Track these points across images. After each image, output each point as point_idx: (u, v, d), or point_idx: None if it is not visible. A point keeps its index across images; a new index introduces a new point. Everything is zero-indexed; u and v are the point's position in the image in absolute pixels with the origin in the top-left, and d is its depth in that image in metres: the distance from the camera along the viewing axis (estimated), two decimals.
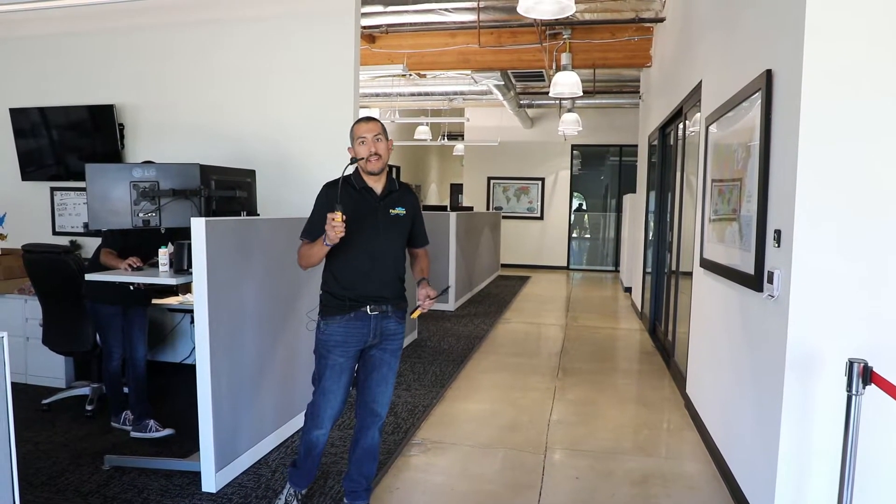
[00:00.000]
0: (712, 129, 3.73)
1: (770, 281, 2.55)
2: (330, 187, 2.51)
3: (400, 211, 2.60)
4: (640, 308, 7.73)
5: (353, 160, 2.51)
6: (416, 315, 2.56)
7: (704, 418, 3.79)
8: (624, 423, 4.03)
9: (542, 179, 13.21)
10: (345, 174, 2.51)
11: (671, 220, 5.65)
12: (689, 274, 4.44)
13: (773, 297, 2.53)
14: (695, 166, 4.44)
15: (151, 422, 3.54)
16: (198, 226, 2.79)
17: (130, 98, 4.88)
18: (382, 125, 2.56)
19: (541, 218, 13.25)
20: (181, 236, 3.11)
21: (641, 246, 7.80)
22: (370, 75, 8.58)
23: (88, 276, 3.16)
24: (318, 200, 2.54)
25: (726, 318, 3.35)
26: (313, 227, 2.51)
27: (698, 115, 4.39)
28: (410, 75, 9.05)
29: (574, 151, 13.18)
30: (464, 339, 6.22)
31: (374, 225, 2.54)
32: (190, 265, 2.98)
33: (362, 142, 2.51)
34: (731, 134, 3.26)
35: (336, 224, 2.33)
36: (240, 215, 3.39)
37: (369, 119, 2.56)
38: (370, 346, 2.59)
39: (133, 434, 3.54)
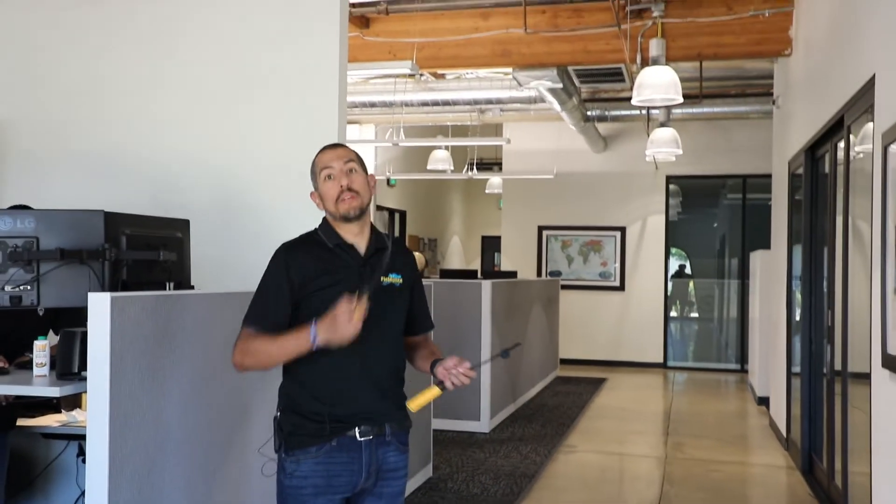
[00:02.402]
0: (894, 149, 3.70)
1: None
2: (290, 250, 2.57)
3: (395, 279, 2.65)
4: (784, 431, 7.63)
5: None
6: (417, 404, 2.49)
7: None
8: None
9: (623, 229, 13.26)
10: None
11: (831, 291, 5.61)
12: (866, 376, 4.37)
13: None
14: (867, 206, 4.43)
15: None
16: (99, 305, 2.79)
17: None
18: (357, 153, 2.67)
19: (621, 288, 13.25)
20: (71, 321, 3.14)
21: (783, 332, 7.76)
22: (362, 75, 8.76)
23: None
24: (270, 270, 2.59)
25: None
26: (264, 310, 2.53)
27: (869, 126, 4.41)
28: (422, 76, 9.23)
29: (671, 186, 13.26)
30: (504, 478, 6.16)
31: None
32: (83, 366, 2.96)
33: (329, 175, 2.61)
34: None
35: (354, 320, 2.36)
36: (165, 288, 3.41)
37: (336, 145, 2.71)
38: (360, 491, 2.58)
39: None
